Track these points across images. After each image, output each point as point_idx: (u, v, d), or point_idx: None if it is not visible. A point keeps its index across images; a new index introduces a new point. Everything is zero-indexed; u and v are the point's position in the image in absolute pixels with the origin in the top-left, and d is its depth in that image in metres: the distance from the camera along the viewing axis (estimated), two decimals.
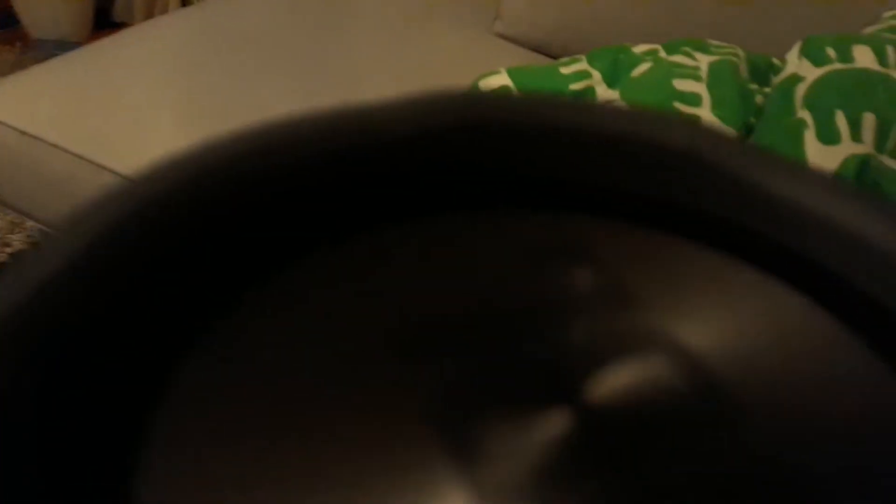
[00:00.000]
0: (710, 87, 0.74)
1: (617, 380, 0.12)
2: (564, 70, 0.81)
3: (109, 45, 0.97)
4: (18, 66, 1.59)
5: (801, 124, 0.67)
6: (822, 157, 0.65)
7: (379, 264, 0.14)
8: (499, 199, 0.15)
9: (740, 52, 0.81)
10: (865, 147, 0.65)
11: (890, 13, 0.85)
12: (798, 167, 0.13)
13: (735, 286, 0.13)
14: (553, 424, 0.11)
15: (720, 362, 0.12)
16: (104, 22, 1.85)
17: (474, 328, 0.13)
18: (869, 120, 0.65)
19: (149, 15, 1.81)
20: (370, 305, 0.13)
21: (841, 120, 0.65)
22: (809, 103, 0.68)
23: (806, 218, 0.13)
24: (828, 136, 0.65)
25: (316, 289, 0.13)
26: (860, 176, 0.64)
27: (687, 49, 0.80)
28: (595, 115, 0.14)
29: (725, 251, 0.14)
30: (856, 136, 0.65)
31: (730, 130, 0.70)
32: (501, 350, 0.13)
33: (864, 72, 0.69)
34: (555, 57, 0.97)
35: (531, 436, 0.11)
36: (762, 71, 0.80)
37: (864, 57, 0.70)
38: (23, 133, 0.80)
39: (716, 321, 0.13)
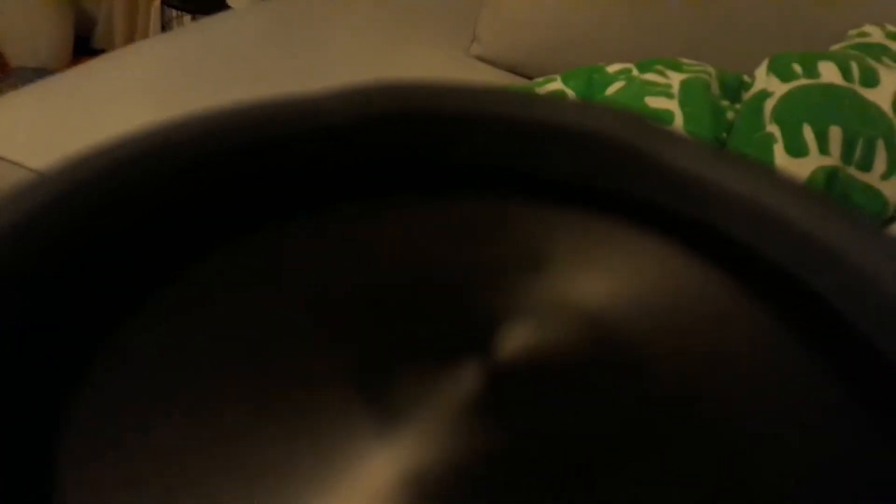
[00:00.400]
0: (682, 104, 0.75)
1: (524, 337, 0.13)
2: (539, 90, 0.83)
3: (88, 71, 0.97)
4: None
5: (770, 138, 0.68)
6: (791, 169, 0.66)
7: (306, 245, 0.15)
8: (427, 183, 0.15)
9: (711, 70, 0.83)
10: (833, 160, 0.66)
11: (855, 31, 0.87)
12: (708, 148, 0.14)
13: (640, 255, 0.14)
14: (463, 378, 0.12)
15: (623, 321, 0.13)
16: (84, 49, 1.86)
17: (393, 298, 0.14)
18: (835, 133, 0.67)
19: (129, 41, 1.82)
20: (294, 282, 0.14)
21: (808, 133, 0.67)
22: (778, 118, 0.69)
23: (714, 193, 0.14)
24: (796, 149, 0.67)
25: (244, 269, 0.14)
26: (829, 187, 0.66)
27: (659, 67, 0.82)
28: (520, 104, 0.15)
29: (637, 226, 0.15)
30: (823, 148, 0.66)
31: None
32: (417, 316, 0.13)
33: (830, 87, 0.70)
34: (530, 78, 0.98)
35: (443, 389, 0.12)
36: (733, 88, 0.82)
37: (829, 72, 0.72)
38: (1, 158, 0.80)
39: (620, 285, 0.14)
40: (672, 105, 0.75)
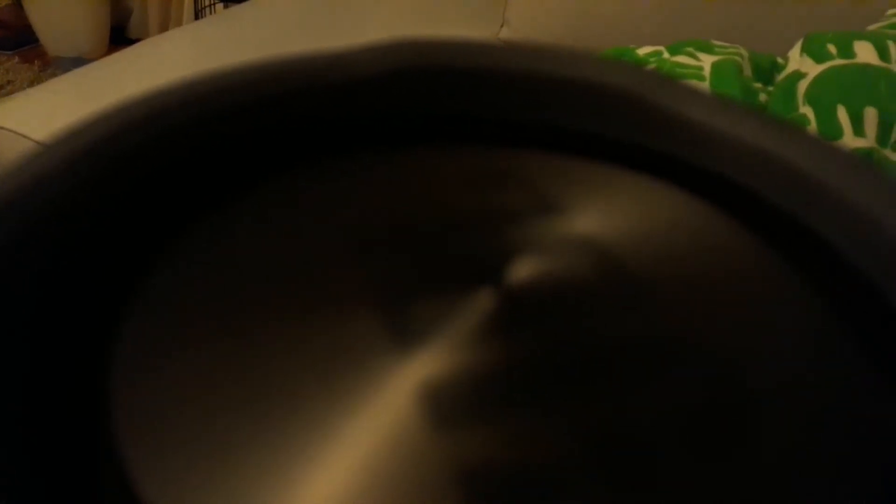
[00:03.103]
0: (713, 87, 0.74)
1: (535, 267, 0.14)
2: None
3: (124, 58, 0.99)
4: (37, 83, 1.62)
5: (803, 120, 0.67)
6: None
7: (333, 187, 0.15)
8: (447, 133, 0.16)
9: (744, 52, 0.81)
10: (867, 141, 0.65)
11: (893, 10, 0.85)
12: (719, 100, 0.15)
13: (649, 199, 0.15)
14: (478, 302, 0.13)
15: (630, 256, 0.14)
16: (120, 38, 1.89)
17: (414, 234, 0.15)
18: (871, 114, 0.66)
19: (163, 30, 1.84)
20: (322, 218, 0.15)
21: (842, 115, 0.66)
22: (811, 99, 0.68)
23: (722, 142, 0.14)
24: (830, 131, 0.65)
25: (280, 206, 0.15)
26: None
27: (690, 50, 0.81)
28: (538, 59, 0.16)
29: (647, 174, 0.15)
30: (858, 130, 0.65)
31: None
32: (435, 249, 0.14)
33: (866, 67, 0.69)
34: None
35: (459, 312, 0.13)
36: (766, 70, 0.81)
37: (865, 53, 0.70)
38: (40, 144, 0.82)
39: (628, 225, 0.15)
40: (703, 88, 0.74)
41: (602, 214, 0.15)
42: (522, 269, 0.14)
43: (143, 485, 0.10)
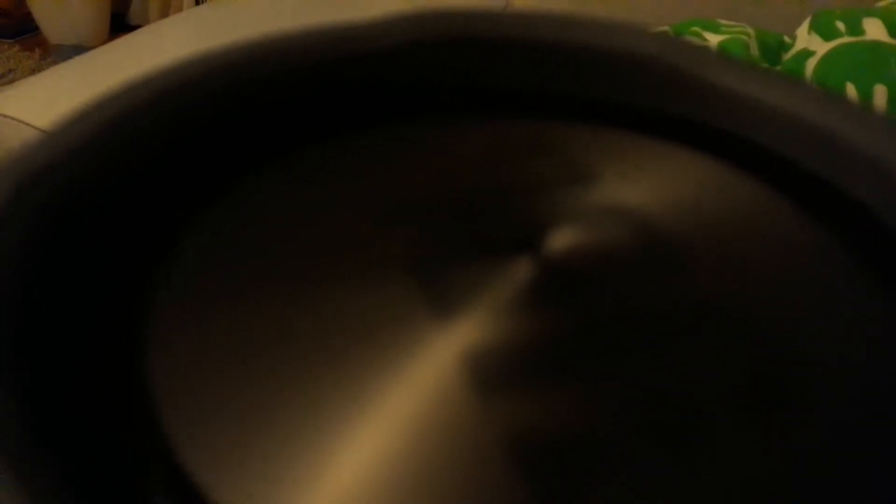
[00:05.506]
0: None
1: (572, 237, 0.14)
2: None
3: (124, 45, 0.98)
4: (38, 71, 1.62)
5: None
6: None
7: (366, 159, 0.15)
8: (475, 105, 0.16)
9: (750, 31, 0.80)
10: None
11: None
12: (747, 66, 0.14)
13: (683, 168, 0.15)
14: (516, 271, 0.13)
15: (667, 224, 0.13)
16: (120, 25, 1.88)
17: (450, 204, 0.14)
18: (881, 92, 0.65)
19: (164, 17, 1.83)
20: (356, 192, 0.15)
21: (852, 92, 0.65)
22: (820, 77, 0.67)
23: (753, 108, 0.14)
24: None
25: (309, 178, 0.15)
26: None
27: (696, 29, 0.80)
28: (563, 27, 0.15)
29: (679, 142, 0.15)
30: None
31: None
32: (472, 219, 0.14)
33: (875, 44, 0.68)
34: None
35: (497, 281, 0.13)
36: (773, 49, 0.80)
37: (874, 29, 0.69)
38: (41, 131, 0.82)
39: (663, 193, 0.14)
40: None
41: (636, 183, 0.15)
42: (558, 238, 0.13)
43: (183, 452, 0.10)
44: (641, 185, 0.15)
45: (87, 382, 0.11)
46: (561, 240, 0.13)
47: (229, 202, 0.14)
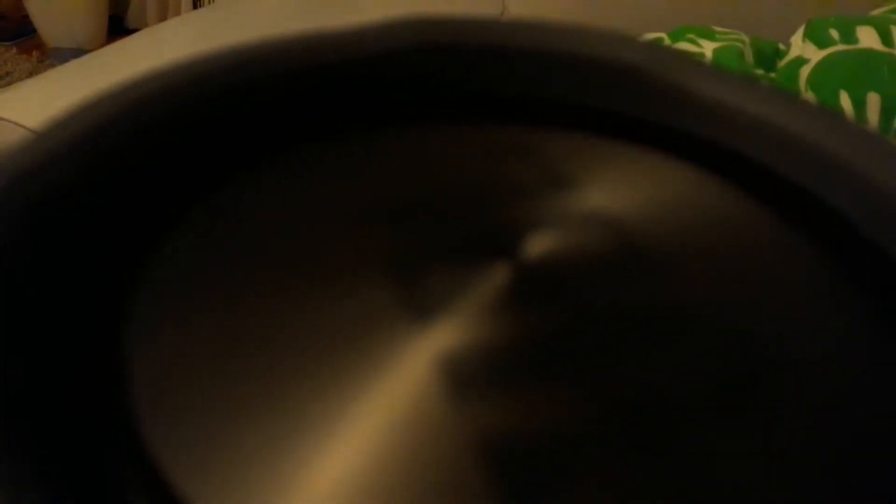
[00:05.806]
0: None
1: (549, 241, 0.14)
2: None
3: (122, 48, 0.98)
4: (35, 74, 1.62)
5: None
6: None
7: (350, 163, 0.15)
8: (461, 111, 0.16)
9: (745, 38, 0.81)
10: (870, 128, 0.65)
11: None
12: (729, 75, 0.15)
13: (661, 174, 0.15)
14: (493, 276, 0.13)
15: (643, 230, 0.14)
16: (118, 28, 1.88)
17: (427, 208, 0.15)
18: (874, 100, 0.65)
19: (161, 20, 1.83)
20: (339, 195, 0.15)
21: (845, 100, 0.65)
22: (814, 85, 0.68)
23: (732, 116, 0.14)
24: None
25: (294, 181, 0.15)
26: None
27: (691, 36, 0.80)
28: (549, 35, 0.16)
29: (658, 149, 0.15)
30: (860, 116, 0.65)
31: None
32: (450, 223, 0.14)
33: (869, 52, 0.69)
34: None
35: (474, 285, 0.13)
36: (768, 56, 0.80)
37: (868, 38, 0.70)
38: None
39: (641, 199, 0.15)
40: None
41: (615, 189, 0.15)
42: (536, 244, 0.14)
43: (161, 454, 0.10)
44: (620, 191, 0.15)
45: (66, 387, 0.11)
46: (538, 245, 0.14)
47: (206, 208, 0.14)
